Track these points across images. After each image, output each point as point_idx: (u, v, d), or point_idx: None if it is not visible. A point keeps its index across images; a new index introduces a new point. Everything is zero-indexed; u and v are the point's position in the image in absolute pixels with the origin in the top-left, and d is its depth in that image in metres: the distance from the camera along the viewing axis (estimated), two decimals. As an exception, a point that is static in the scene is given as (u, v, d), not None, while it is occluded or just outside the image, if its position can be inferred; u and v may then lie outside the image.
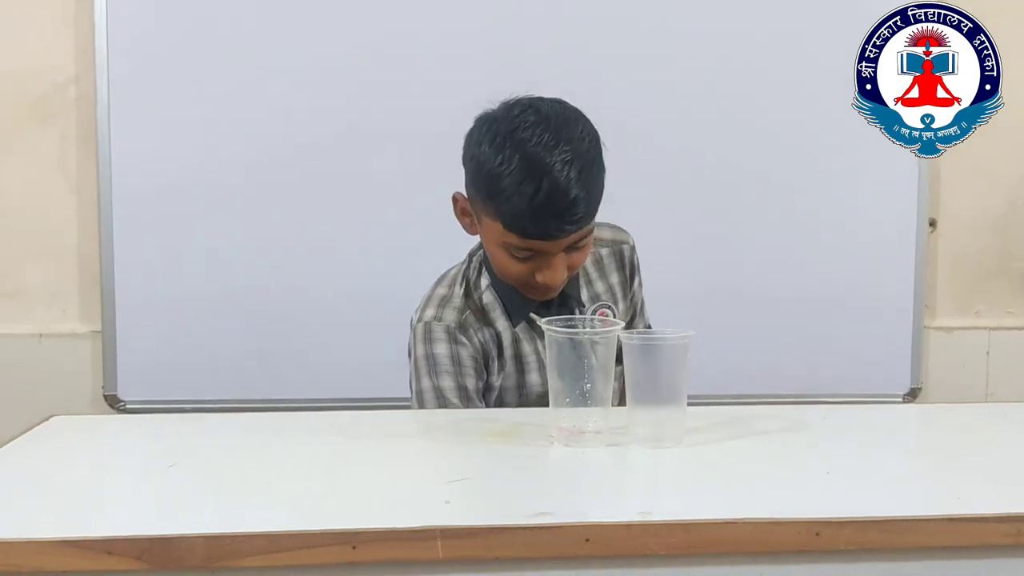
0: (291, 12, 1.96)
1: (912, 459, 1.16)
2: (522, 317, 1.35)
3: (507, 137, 1.21)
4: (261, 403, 1.95)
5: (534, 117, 1.23)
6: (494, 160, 1.21)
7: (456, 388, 1.30)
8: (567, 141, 1.21)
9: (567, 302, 1.38)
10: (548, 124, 1.22)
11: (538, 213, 1.19)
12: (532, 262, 1.26)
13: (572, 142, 1.21)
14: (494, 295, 1.37)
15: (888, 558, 0.86)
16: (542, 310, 1.33)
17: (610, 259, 1.44)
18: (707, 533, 0.84)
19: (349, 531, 0.82)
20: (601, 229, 1.41)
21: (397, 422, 1.24)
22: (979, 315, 2.23)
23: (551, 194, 1.18)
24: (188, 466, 1.02)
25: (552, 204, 1.19)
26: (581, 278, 1.41)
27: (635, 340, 1.09)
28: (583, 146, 1.22)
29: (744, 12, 2.04)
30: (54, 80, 2.02)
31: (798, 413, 1.29)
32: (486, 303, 1.36)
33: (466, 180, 1.31)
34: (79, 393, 2.01)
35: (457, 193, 1.34)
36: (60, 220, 2.04)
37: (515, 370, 1.36)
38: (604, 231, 1.44)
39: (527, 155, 1.19)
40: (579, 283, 1.41)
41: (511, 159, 1.20)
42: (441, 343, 1.31)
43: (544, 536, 0.83)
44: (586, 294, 1.41)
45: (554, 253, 1.25)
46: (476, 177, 1.26)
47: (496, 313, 1.36)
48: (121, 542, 0.80)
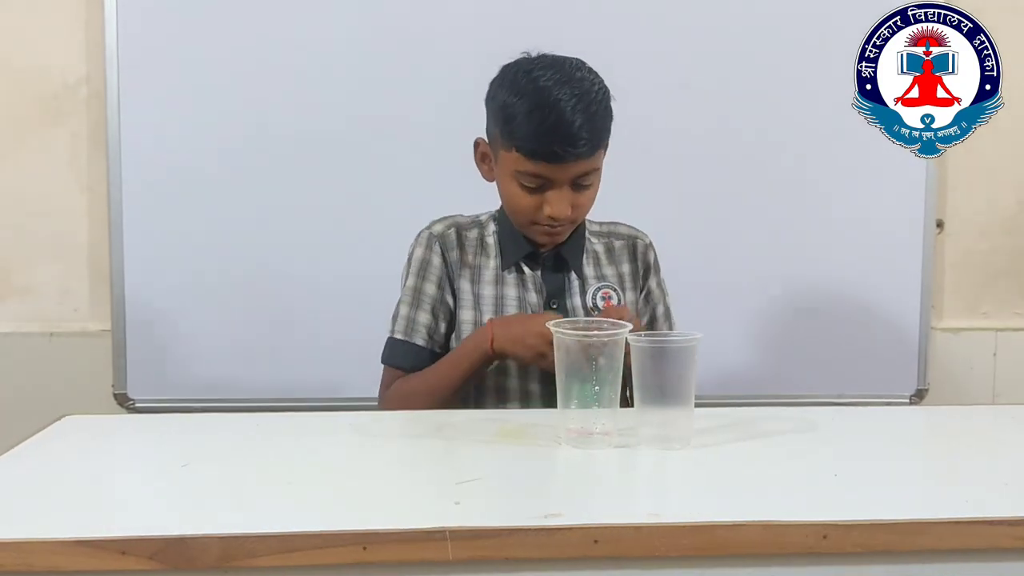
0: (299, 10, 1.97)
1: (920, 462, 1.16)
2: (512, 261, 1.45)
3: (523, 75, 1.34)
4: (271, 403, 1.95)
5: (549, 61, 1.36)
6: (510, 94, 1.34)
7: (412, 289, 1.45)
8: (577, 82, 1.33)
9: (562, 266, 1.46)
10: (561, 67, 1.34)
11: (545, 136, 1.30)
12: (540, 195, 1.36)
13: (582, 83, 1.33)
14: (495, 239, 1.48)
15: (896, 561, 0.87)
16: (531, 263, 1.45)
17: (623, 250, 1.51)
18: (716, 535, 0.85)
19: (361, 532, 0.83)
20: (619, 227, 1.53)
21: (408, 422, 1.25)
22: (986, 316, 2.23)
23: (558, 121, 1.29)
24: (201, 466, 1.03)
25: (558, 129, 1.30)
26: (589, 258, 1.48)
27: (643, 342, 1.10)
28: (592, 89, 1.33)
29: (744, 12, 2.03)
30: (65, 80, 2.03)
31: (806, 415, 1.30)
32: (486, 242, 1.48)
33: (487, 122, 1.41)
34: (89, 392, 2.01)
35: (479, 138, 1.44)
36: (71, 219, 2.05)
37: (492, 309, 1.43)
38: (622, 228, 1.54)
39: (539, 88, 1.31)
40: (584, 259, 1.48)
41: (524, 91, 1.32)
42: (420, 248, 1.46)
43: (554, 537, 0.83)
44: (592, 273, 1.47)
45: (560, 184, 1.34)
46: (494, 113, 1.38)
47: (490, 252, 1.47)
48: (135, 542, 0.81)
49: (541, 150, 1.31)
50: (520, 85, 1.33)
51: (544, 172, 1.33)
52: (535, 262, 1.46)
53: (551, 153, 1.31)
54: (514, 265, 1.45)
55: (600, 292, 1.46)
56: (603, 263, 1.49)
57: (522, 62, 1.37)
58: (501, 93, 1.36)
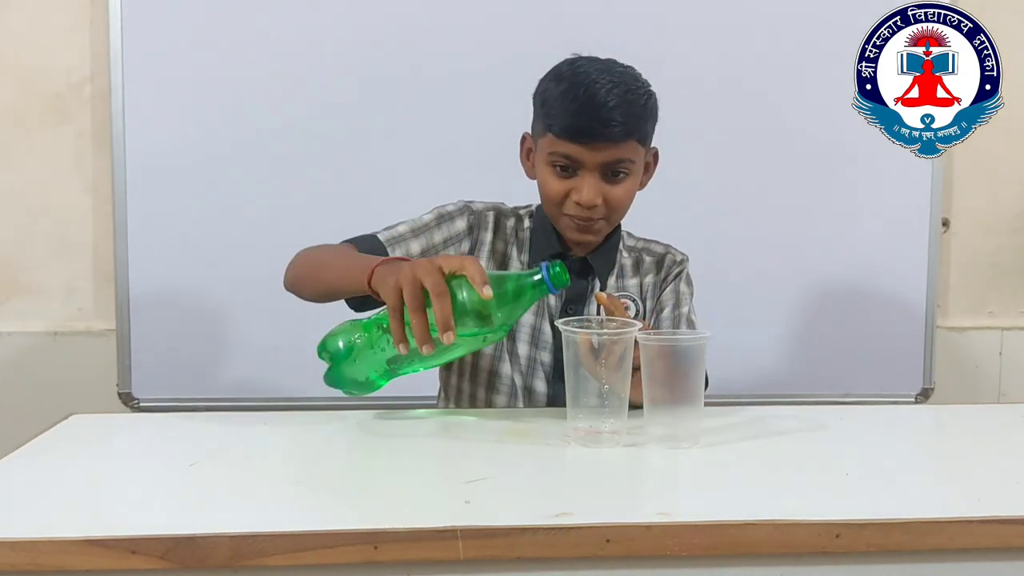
0: (302, 10, 1.97)
1: (931, 461, 1.16)
2: (540, 258, 1.41)
3: (567, 65, 1.35)
4: (276, 402, 1.95)
5: (595, 58, 1.36)
6: (551, 82, 1.35)
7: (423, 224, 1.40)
8: (618, 73, 1.32)
9: (588, 272, 1.43)
10: (605, 62, 1.35)
11: (577, 114, 1.30)
12: (571, 181, 1.34)
13: (624, 76, 1.33)
14: (528, 234, 1.45)
15: (908, 560, 0.87)
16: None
17: (651, 265, 1.48)
18: (726, 534, 0.85)
19: (371, 531, 0.82)
20: (655, 244, 1.50)
21: (416, 421, 1.25)
22: (992, 315, 2.23)
23: (590, 100, 1.29)
24: (210, 465, 1.03)
25: (589, 107, 1.29)
26: (616, 269, 1.45)
27: (652, 341, 1.10)
28: (634, 82, 1.33)
29: (744, 12, 2.03)
30: (69, 79, 2.03)
31: (815, 414, 1.30)
32: (520, 235, 1.46)
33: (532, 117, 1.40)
34: (93, 391, 2.01)
35: (525, 132, 1.43)
36: (75, 218, 2.05)
37: None
38: (657, 246, 1.50)
39: (577, 73, 1.32)
40: (610, 269, 1.45)
41: (564, 77, 1.33)
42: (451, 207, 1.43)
43: (565, 537, 0.83)
44: (615, 283, 1.45)
45: (590, 168, 1.32)
46: (537, 102, 1.37)
47: (522, 246, 1.45)
48: (145, 541, 0.81)
49: (572, 127, 1.30)
50: (562, 73, 1.34)
51: (574, 153, 1.31)
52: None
53: (580, 130, 1.30)
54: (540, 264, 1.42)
55: None
56: (627, 274, 1.47)
57: (566, 61, 1.37)
58: (543, 83, 1.36)
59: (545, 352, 1.41)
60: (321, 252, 1.34)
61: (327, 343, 1.16)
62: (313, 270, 1.32)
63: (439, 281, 1.04)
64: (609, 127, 1.29)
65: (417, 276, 1.05)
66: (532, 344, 1.41)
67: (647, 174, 1.41)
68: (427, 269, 1.05)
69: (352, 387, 1.18)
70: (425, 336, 1.05)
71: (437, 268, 1.05)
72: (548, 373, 1.41)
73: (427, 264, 1.06)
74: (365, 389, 1.18)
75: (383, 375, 1.17)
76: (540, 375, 1.41)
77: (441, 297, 1.03)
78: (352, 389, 1.18)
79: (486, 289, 1.04)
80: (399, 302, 1.05)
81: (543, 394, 1.41)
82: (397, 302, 1.05)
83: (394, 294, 1.06)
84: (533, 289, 1.10)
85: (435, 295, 1.03)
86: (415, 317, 1.04)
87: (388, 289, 1.07)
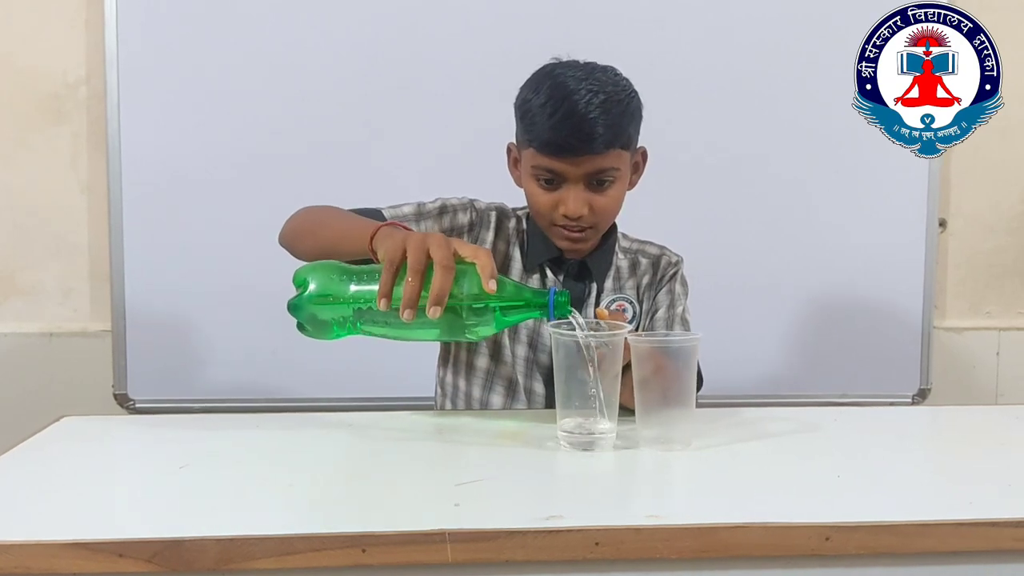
0: (300, 10, 1.97)
1: (924, 463, 1.16)
2: (537, 262, 1.42)
3: (546, 74, 1.33)
4: (271, 403, 1.95)
5: (576, 63, 1.34)
6: (530, 91, 1.32)
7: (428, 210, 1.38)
8: (598, 80, 1.29)
9: (585, 275, 1.42)
10: (584, 67, 1.32)
11: (556, 128, 1.27)
12: (557, 193, 1.32)
13: (604, 83, 1.29)
14: (525, 239, 1.45)
15: (899, 563, 0.86)
16: (555, 267, 1.41)
17: (648, 267, 1.47)
18: (717, 537, 0.84)
19: (359, 534, 0.82)
20: (650, 245, 1.49)
21: (407, 423, 1.24)
22: (989, 316, 2.22)
23: (570, 112, 1.26)
24: (200, 468, 1.03)
25: (569, 120, 1.27)
26: (612, 271, 1.45)
27: (643, 342, 1.09)
28: (615, 89, 1.30)
29: (743, 13, 2.03)
30: (65, 80, 2.03)
31: (808, 415, 1.29)
32: (520, 239, 1.45)
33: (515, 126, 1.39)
34: (89, 392, 2.01)
35: (510, 143, 1.42)
36: (71, 219, 2.05)
37: None
38: (652, 248, 1.49)
39: (556, 83, 1.29)
40: (608, 271, 1.44)
41: (542, 87, 1.30)
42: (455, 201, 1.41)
43: (555, 540, 0.83)
44: (611, 286, 1.44)
45: (574, 180, 1.31)
46: (518, 113, 1.35)
47: (520, 250, 1.44)
48: (132, 544, 0.80)
49: (552, 142, 1.28)
50: (540, 82, 1.31)
51: (556, 167, 1.30)
52: (559, 267, 1.42)
53: (561, 146, 1.28)
54: (538, 267, 1.42)
55: (615, 304, 1.43)
56: (624, 276, 1.46)
57: (547, 65, 1.35)
58: (522, 92, 1.34)
59: (543, 354, 1.41)
60: (323, 210, 1.32)
61: (307, 271, 1.12)
62: (312, 227, 1.31)
63: (448, 255, 1.02)
64: (591, 141, 1.27)
65: (427, 244, 1.03)
66: (530, 346, 1.41)
67: (636, 174, 1.41)
68: (439, 242, 1.03)
69: (309, 324, 1.11)
70: (413, 300, 1.02)
71: (448, 244, 1.04)
72: (545, 375, 1.41)
73: (440, 238, 1.04)
74: (319, 333, 1.12)
75: (344, 327, 1.11)
76: (538, 376, 1.41)
77: (447, 270, 1.02)
78: (308, 326, 1.12)
79: (492, 283, 1.04)
80: (400, 259, 1.03)
81: (542, 395, 1.41)
82: (397, 257, 1.03)
83: (397, 251, 1.03)
84: (531, 306, 1.08)
85: (441, 266, 1.01)
86: (412, 278, 1.02)
87: (392, 244, 1.04)
